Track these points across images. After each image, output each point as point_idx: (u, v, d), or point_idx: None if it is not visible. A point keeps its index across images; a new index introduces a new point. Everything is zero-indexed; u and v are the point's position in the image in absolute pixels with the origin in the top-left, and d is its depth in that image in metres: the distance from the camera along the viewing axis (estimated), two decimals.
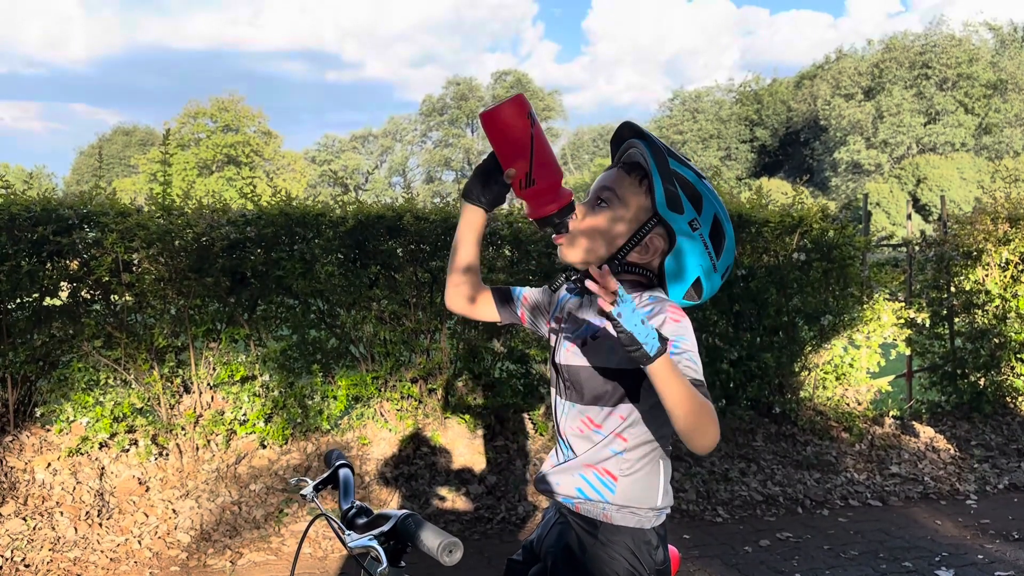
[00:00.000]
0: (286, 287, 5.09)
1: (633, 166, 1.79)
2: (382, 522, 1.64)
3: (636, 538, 1.73)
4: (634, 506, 1.73)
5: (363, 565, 1.67)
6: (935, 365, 7.00)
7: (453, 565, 1.51)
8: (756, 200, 6.20)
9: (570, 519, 1.81)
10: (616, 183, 1.76)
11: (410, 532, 1.58)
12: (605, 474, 1.74)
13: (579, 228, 1.76)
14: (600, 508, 1.75)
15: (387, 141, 72.90)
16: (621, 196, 1.74)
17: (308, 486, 1.88)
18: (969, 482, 5.81)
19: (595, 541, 1.74)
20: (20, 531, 4.23)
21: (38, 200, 4.70)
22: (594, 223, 1.75)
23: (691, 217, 1.71)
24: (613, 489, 1.73)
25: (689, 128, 63.57)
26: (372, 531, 1.64)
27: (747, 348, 5.94)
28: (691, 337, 1.65)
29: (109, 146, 66.27)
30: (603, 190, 1.77)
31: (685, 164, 1.74)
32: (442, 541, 1.50)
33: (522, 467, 5.25)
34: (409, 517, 1.60)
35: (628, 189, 1.75)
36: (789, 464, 5.73)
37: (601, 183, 1.79)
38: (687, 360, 1.59)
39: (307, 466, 4.95)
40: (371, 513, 1.75)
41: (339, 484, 1.92)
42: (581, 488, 1.77)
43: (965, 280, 6.91)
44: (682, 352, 1.60)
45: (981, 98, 52.32)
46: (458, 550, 1.50)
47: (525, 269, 5.47)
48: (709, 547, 4.55)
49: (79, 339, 4.74)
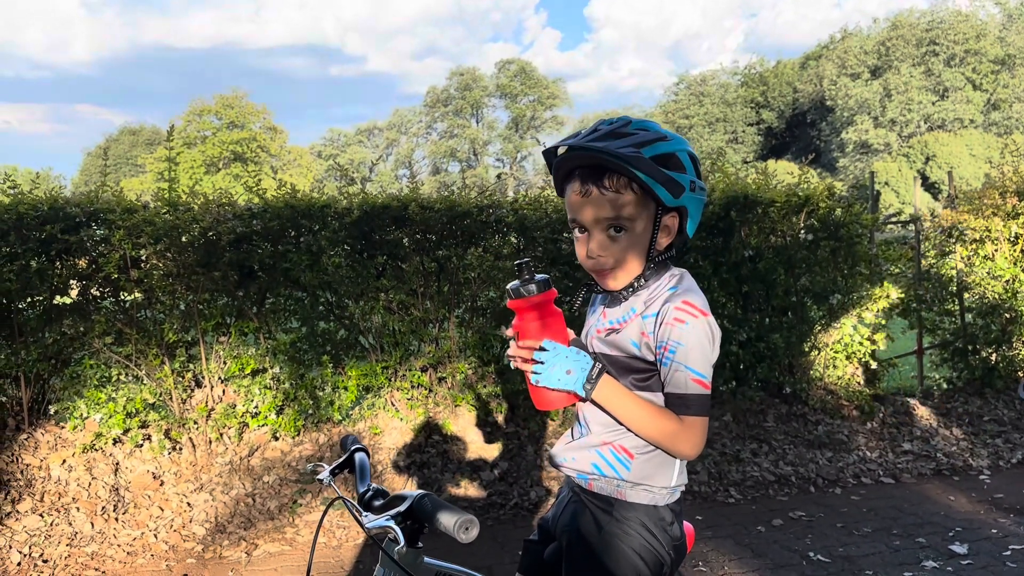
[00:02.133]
0: (294, 279, 5.10)
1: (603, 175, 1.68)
2: (398, 503, 1.66)
3: (650, 515, 1.75)
4: (648, 484, 1.74)
5: (381, 546, 1.69)
6: (946, 342, 6.98)
7: (469, 542, 1.52)
8: (762, 181, 6.17)
9: (584, 498, 1.82)
10: (617, 206, 1.68)
11: (426, 511, 1.59)
12: (621, 451, 1.75)
13: (615, 261, 1.72)
14: (615, 485, 1.76)
15: (392, 134, 72.80)
16: (630, 215, 1.68)
17: (325, 471, 1.90)
18: (982, 457, 5.80)
19: (610, 518, 1.75)
20: (37, 527, 4.27)
21: (45, 199, 4.73)
22: (625, 252, 1.72)
23: (687, 182, 1.69)
24: (629, 466, 1.74)
25: (695, 112, 63.27)
26: (389, 512, 1.65)
27: (756, 329, 5.93)
28: (697, 339, 1.65)
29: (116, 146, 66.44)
30: (610, 222, 1.69)
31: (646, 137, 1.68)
32: (458, 519, 1.51)
33: (533, 453, 5.26)
34: (425, 497, 1.62)
35: (630, 201, 1.68)
36: (800, 444, 5.73)
37: (600, 215, 1.69)
38: (681, 371, 1.65)
39: (319, 456, 4.98)
40: (387, 495, 1.76)
41: (355, 468, 1.94)
42: (596, 464, 1.77)
43: (975, 255, 6.88)
44: (678, 362, 1.65)
45: (989, 74, 51.85)
46: (474, 527, 1.51)
47: (531, 255, 5.47)
48: (722, 528, 4.56)
49: (90, 336, 4.77)
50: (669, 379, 1.67)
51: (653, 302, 1.71)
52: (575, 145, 1.70)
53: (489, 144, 71.04)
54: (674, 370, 1.65)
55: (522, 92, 68.77)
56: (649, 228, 1.71)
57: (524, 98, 68.99)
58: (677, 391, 1.66)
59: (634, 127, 1.70)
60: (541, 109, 69.41)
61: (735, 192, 5.78)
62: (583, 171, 1.70)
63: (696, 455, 1.69)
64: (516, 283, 1.68)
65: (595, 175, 1.68)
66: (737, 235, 5.88)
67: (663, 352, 1.67)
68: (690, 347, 1.64)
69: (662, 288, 1.73)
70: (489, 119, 71.17)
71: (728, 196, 5.72)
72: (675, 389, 1.66)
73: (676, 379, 1.66)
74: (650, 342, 1.69)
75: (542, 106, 69.31)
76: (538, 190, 5.90)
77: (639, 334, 1.71)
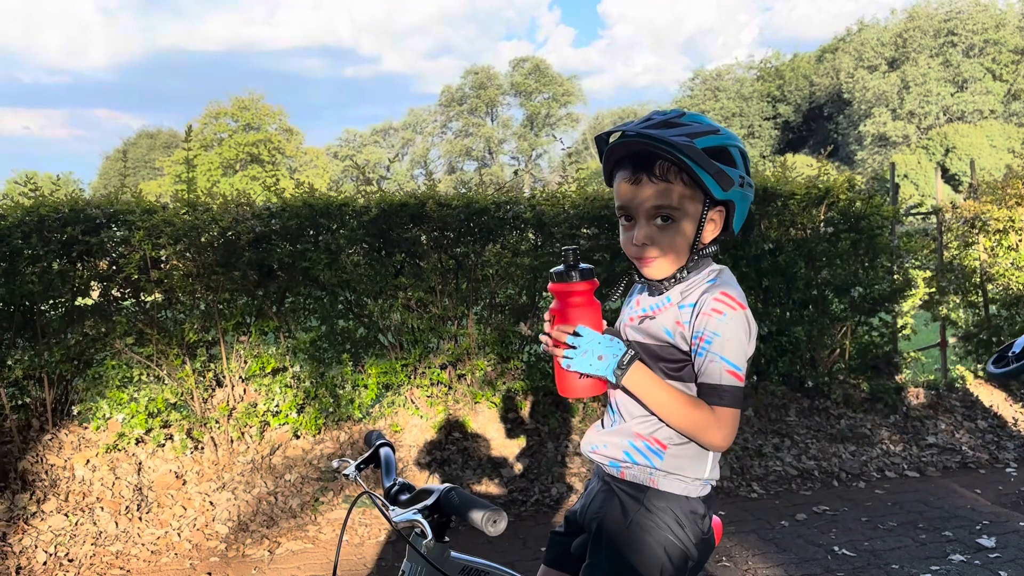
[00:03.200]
0: (313, 278, 5.11)
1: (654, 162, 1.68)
2: (425, 497, 1.65)
3: (683, 507, 1.73)
4: (681, 474, 1.73)
5: (408, 540, 1.68)
6: (970, 334, 6.90)
7: (497, 535, 1.51)
8: (780, 174, 6.12)
9: (614, 486, 1.81)
10: (667, 196, 1.67)
11: (454, 505, 1.59)
12: (655, 443, 1.74)
13: (660, 251, 1.71)
14: (647, 473, 1.75)
15: (408, 134, 72.97)
16: (678, 205, 1.68)
17: (350, 466, 1.90)
18: (1008, 450, 5.73)
19: (640, 507, 1.74)
20: (62, 527, 4.30)
21: (66, 201, 4.76)
22: (670, 242, 1.71)
23: (736, 177, 1.69)
24: (662, 456, 1.74)
25: (711, 107, 62.98)
26: (416, 505, 1.65)
27: (777, 323, 5.89)
28: (734, 330, 1.65)
29: (134, 150, 67.00)
30: (658, 210, 1.69)
31: (699, 129, 1.68)
32: (486, 513, 1.50)
33: (554, 449, 5.25)
34: (452, 490, 1.61)
35: (679, 192, 1.67)
36: (823, 438, 5.68)
37: (650, 202, 1.68)
38: (716, 361, 1.65)
39: (340, 454, 4.98)
40: (413, 489, 1.76)
41: (380, 463, 1.94)
42: (629, 452, 1.76)
43: (998, 246, 6.79)
44: (714, 352, 1.65)
45: (1009, 64, 51.29)
46: (502, 520, 1.50)
47: (549, 252, 5.46)
48: (745, 523, 4.53)
49: (111, 337, 4.80)
50: (704, 369, 1.66)
51: (690, 293, 1.71)
52: (629, 131, 1.69)
53: (504, 142, 71.06)
54: (709, 360, 1.65)
55: (536, 90, 68.75)
56: (695, 221, 1.70)
57: (539, 96, 68.97)
58: (711, 381, 1.65)
59: (688, 119, 1.71)
60: (556, 106, 69.36)
61: (755, 185, 5.73)
62: (634, 159, 1.70)
63: (727, 447, 1.68)
64: (560, 267, 1.69)
65: (646, 163, 1.68)
66: (757, 228, 5.83)
67: (699, 342, 1.66)
68: (726, 338, 1.64)
69: (701, 280, 1.73)
70: (504, 117, 71.19)
71: None
72: (709, 379, 1.65)
73: (711, 369, 1.65)
74: (685, 331, 1.68)
75: (557, 103, 69.25)
76: (554, 187, 5.88)
77: (674, 322, 1.70)
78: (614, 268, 5.37)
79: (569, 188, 5.73)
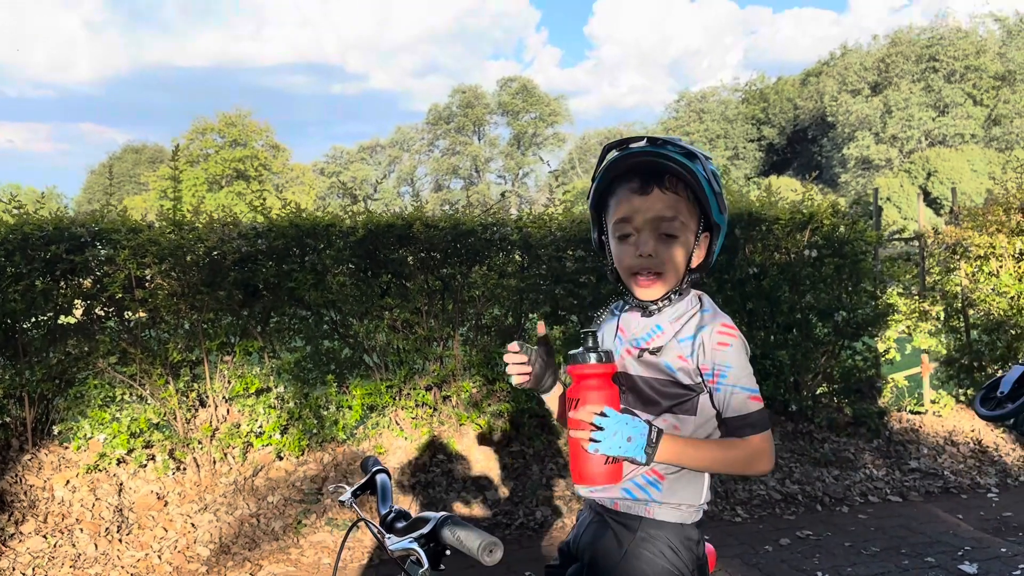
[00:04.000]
0: (298, 298, 5.10)
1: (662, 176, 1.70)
2: (421, 525, 1.65)
3: (678, 534, 1.73)
4: (677, 502, 1.74)
5: (403, 568, 1.68)
6: (951, 358, 6.95)
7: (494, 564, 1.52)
8: (766, 198, 6.18)
9: (607, 517, 1.80)
10: (675, 209, 1.70)
11: (450, 534, 1.59)
12: (652, 473, 1.74)
13: (664, 265, 1.72)
14: (643, 504, 1.75)
15: (395, 151, 73.00)
16: (683, 221, 1.70)
17: (346, 492, 1.89)
18: (990, 475, 5.77)
19: (633, 537, 1.73)
20: (41, 549, 4.25)
21: (51, 219, 4.73)
22: (672, 258, 1.72)
23: (725, 203, 1.77)
24: (660, 487, 1.74)
25: (696, 129, 63.44)
26: (412, 534, 1.65)
27: (761, 346, 5.92)
28: (741, 359, 1.68)
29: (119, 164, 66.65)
30: (667, 221, 1.70)
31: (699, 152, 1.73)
32: (482, 541, 1.51)
33: (539, 472, 5.24)
34: (448, 519, 1.61)
35: (684, 209, 1.71)
36: (807, 462, 5.70)
37: (658, 212, 1.70)
38: (737, 393, 1.67)
39: (324, 476, 4.95)
40: (410, 516, 1.76)
41: (376, 489, 1.93)
42: (628, 489, 1.75)
43: (979, 272, 6.87)
44: (730, 384, 1.67)
45: (989, 89, 52.00)
46: (498, 550, 1.51)
47: (536, 273, 5.47)
48: (729, 547, 4.53)
49: (94, 356, 4.76)
50: (728, 404, 1.68)
51: (684, 325, 1.72)
52: (654, 138, 1.72)
53: (491, 161, 71.25)
54: (730, 394, 1.67)
55: (523, 109, 69.05)
56: (691, 242, 1.73)
57: (526, 115, 69.25)
58: (739, 413, 1.68)
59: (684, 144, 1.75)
60: (542, 126, 69.65)
61: (739, 209, 5.78)
62: (643, 172, 1.71)
63: (772, 468, 1.72)
64: (580, 349, 1.67)
65: (656, 175, 1.70)
66: (741, 252, 5.88)
67: (714, 378, 1.68)
68: (738, 368, 1.67)
69: (689, 309, 1.75)
70: (491, 136, 71.42)
71: (733, 213, 5.72)
72: (736, 412, 1.68)
73: (735, 402, 1.67)
74: (688, 366, 1.69)
75: (543, 123, 69.55)
76: (541, 207, 5.90)
77: (676, 357, 1.71)
78: (600, 291, 5.39)
79: (556, 211, 5.76)
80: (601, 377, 1.67)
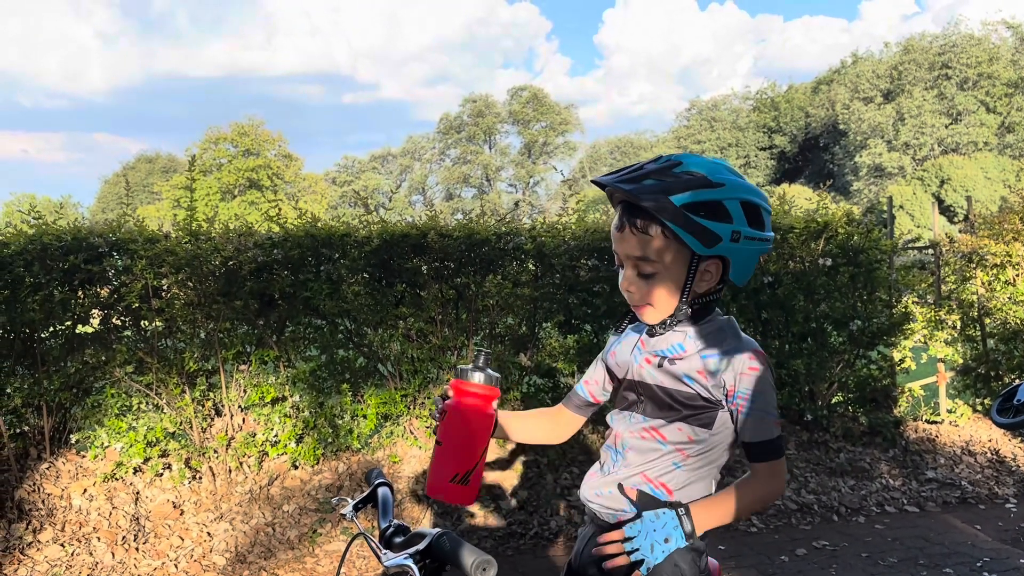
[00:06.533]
0: (313, 308, 5.12)
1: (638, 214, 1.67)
2: (417, 541, 1.65)
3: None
4: None
5: None
6: (968, 368, 6.91)
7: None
8: (779, 207, 6.17)
9: None
10: (644, 249, 1.67)
11: (445, 550, 1.58)
12: (660, 487, 1.74)
13: (641, 299, 1.73)
14: None
15: (406, 160, 73.22)
16: (656, 257, 1.67)
17: (348, 505, 1.89)
18: (1008, 485, 5.72)
19: None
20: (58, 557, 4.27)
21: (68, 229, 4.77)
22: (649, 293, 1.72)
23: (727, 232, 1.65)
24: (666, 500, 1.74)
25: (707, 137, 63.39)
26: (408, 550, 1.64)
27: (776, 356, 5.90)
28: (768, 385, 1.69)
29: (133, 174, 67.09)
30: (640, 261, 1.69)
31: (688, 182, 1.63)
32: (476, 559, 1.50)
33: (553, 481, 5.23)
34: (444, 536, 1.60)
35: (657, 246, 1.66)
36: (823, 472, 5.67)
37: (630, 252, 1.70)
38: (764, 420, 1.68)
39: (339, 485, 4.96)
40: (408, 531, 1.75)
41: (378, 503, 1.93)
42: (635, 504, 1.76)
43: (996, 280, 6.83)
44: (759, 410, 1.68)
45: (1003, 96, 51.74)
46: (492, 568, 1.50)
47: (549, 283, 5.48)
48: (745, 557, 4.51)
49: (111, 365, 4.79)
50: (756, 428, 1.68)
51: (709, 344, 1.71)
52: (603, 182, 1.72)
53: (502, 170, 71.33)
54: (759, 419, 1.68)
55: (534, 118, 69.14)
56: (683, 271, 1.69)
57: (536, 124, 69.34)
58: (766, 438, 1.69)
59: (681, 170, 1.65)
60: (553, 135, 69.72)
61: None
62: (624, 206, 1.71)
63: (781, 494, 1.77)
64: (469, 366, 1.71)
65: (632, 212, 1.68)
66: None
67: (743, 402, 1.68)
68: (767, 394, 1.68)
69: (714, 331, 1.73)
70: (502, 145, 71.53)
71: None
72: (763, 437, 1.69)
73: (763, 427, 1.68)
74: (708, 382, 1.69)
75: (554, 132, 69.62)
76: (553, 216, 5.91)
77: (695, 371, 1.70)
78: (613, 300, 5.39)
79: (569, 219, 5.77)
80: (481, 398, 1.68)
